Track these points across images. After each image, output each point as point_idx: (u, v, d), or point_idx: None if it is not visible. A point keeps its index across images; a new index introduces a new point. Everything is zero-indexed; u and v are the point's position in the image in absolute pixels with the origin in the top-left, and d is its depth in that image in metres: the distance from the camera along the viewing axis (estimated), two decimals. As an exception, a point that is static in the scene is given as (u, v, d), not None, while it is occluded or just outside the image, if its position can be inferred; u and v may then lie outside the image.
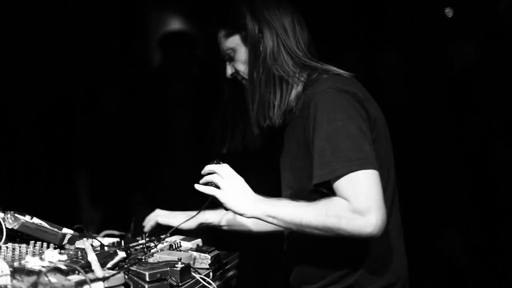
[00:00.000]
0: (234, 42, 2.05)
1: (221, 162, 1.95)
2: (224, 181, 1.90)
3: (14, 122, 4.08)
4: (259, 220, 1.90)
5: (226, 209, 1.91)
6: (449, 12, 3.88)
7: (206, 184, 1.93)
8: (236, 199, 1.88)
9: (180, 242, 2.15)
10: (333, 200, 1.79)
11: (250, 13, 2.00)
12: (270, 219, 1.86)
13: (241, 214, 1.89)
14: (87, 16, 4.28)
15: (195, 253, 2.02)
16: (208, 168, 1.94)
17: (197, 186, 1.94)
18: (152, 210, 2.43)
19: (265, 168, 2.38)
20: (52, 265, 1.60)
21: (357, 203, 1.74)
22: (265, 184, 2.00)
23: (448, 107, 3.66)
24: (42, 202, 3.39)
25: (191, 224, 2.34)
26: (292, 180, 2.04)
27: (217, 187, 1.90)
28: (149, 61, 4.56)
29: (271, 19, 1.99)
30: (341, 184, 1.78)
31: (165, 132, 4.06)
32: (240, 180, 1.92)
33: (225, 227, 2.41)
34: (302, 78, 2.00)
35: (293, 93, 2.01)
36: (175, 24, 4.56)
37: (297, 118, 1.98)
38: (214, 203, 1.97)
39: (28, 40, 4.06)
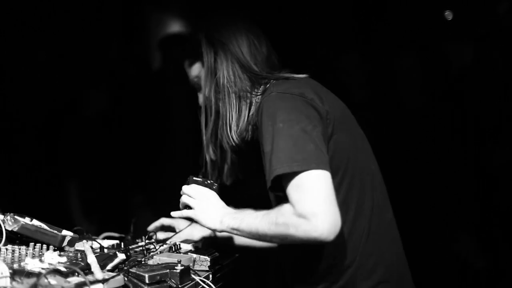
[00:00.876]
0: (197, 70, 2.10)
1: (199, 178, 2.03)
2: (195, 200, 1.98)
3: (15, 125, 4.09)
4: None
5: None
6: (448, 15, 3.88)
7: (186, 206, 2.00)
8: (205, 217, 1.94)
9: (179, 244, 2.16)
10: (282, 207, 1.76)
11: (205, 38, 2.04)
12: (235, 232, 1.88)
13: (213, 230, 1.96)
14: (87, 17, 4.28)
15: (194, 255, 2.02)
16: (182, 191, 2.01)
17: (173, 213, 2.03)
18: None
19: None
20: (51, 267, 1.60)
21: (301, 207, 1.69)
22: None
23: (454, 109, 3.66)
24: (42, 204, 3.39)
25: (194, 235, 2.34)
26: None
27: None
28: (149, 63, 4.57)
29: (225, 40, 2.02)
30: (288, 189, 1.74)
31: (165, 133, 4.06)
32: (211, 196, 1.98)
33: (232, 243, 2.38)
34: (259, 92, 2.01)
35: (253, 108, 2.02)
36: (175, 26, 4.56)
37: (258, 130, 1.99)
38: None
39: (28, 43, 4.07)
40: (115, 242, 2.11)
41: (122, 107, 4.25)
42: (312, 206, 1.68)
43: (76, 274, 1.57)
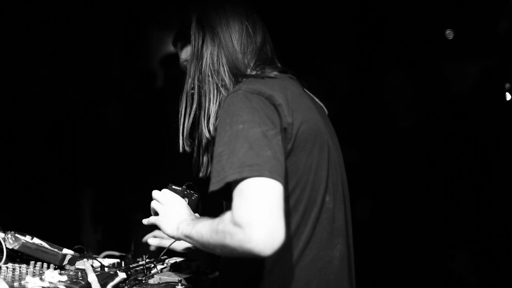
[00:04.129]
0: (187, 53, 1.96)
1: (178, 187, 1.97)
2: (161, 206, 1.89)
3: (15, 142, 4.09)
4: None
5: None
6: (449, 34, 3.91)
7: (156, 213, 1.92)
8: (166, 223, 1.83)
9: (181, 263, 2.15)
10: (225, 214, 1.57)
11: (196, 21, 1.90)
12: (188, 240, 1.73)
13: (172, 237, 1.83)
14: (91, 35, 4.31)
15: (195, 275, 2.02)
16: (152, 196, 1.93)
17: (143, 221, 1.94)
18: (152, 230, 2.42)
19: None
20: (52, 285, 1.60)
21: (238, 214, 1.50)
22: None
23: (450, 126, 3.67)
24: (43, 222, 3.40)
25: (179, 246, 2.30)
26: None
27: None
28: (150, 80, 4.58)
29: (215, 25, 1.88)
30: (233, 194, 1.55)
31: (165, 151, 4.07)
32: (178, 202, 1.88)
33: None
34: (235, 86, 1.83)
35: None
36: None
37: None
38: None
39: (32, 58, 4.09)
40: (115, 261, 2.10)
41: (123, 124, 4.26)
42: (249, 215, 1.48)
43: (77, 293, 1.57)
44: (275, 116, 1.66)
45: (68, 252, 1.92)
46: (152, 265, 2.06)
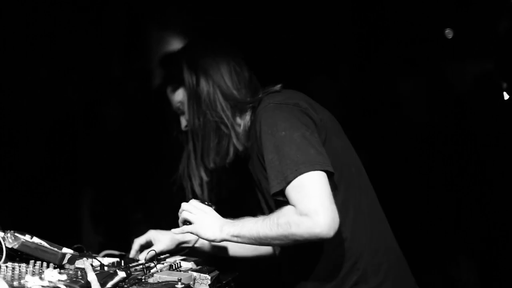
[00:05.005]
0: (180, 95, 2.18)
1: (208, 203, 2.10)
2: (194, 215, 2.04)
3: (15, 141, 4.08)
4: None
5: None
6: (449, 33, 3.90)
7: (185, 222, 2.08)
8: (205, 229, 2.00)
9: (180, 262, 2.15)
10: (283, 209, 1.86)
11: (187, 65, 2.12)
12: (235, 239, 1.96)
13: (212, 241, 2.01)
14: (91, 35, 4.30)
15: (195, 274, 2.02)
16: (181, 208, 2.08)
17: (174, 231, 2.10)
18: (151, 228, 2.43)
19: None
20: (51, 284, 1.60)
21: (303, 206, 1.79)
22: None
23: (454, 128, 3.68)
24: (42, 221, 3.39)
25: (170, 244, 2.39)
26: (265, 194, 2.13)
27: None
28: (150, 79, 4.58)
29: (206, 67, 2.10)
30: (289, 192, 1.84)
31: (165, 150, 4.06)
32: (208, 210, 2.04)
33: (206, 250, 2.45)
34: (247, 108, 2.11)
35: (241, 126, 2.12)
36: (176, 44, 4.58)
37: (253, 143, 2.08)
38: None
39: (32, 58, 4.08)
40: (115, 260, 2.11)
41: (121, 123, 4.26)
42: (314, 204, 1.77)
43: (76, 292, 1.57)
44: (306, 118, 1.96)
45: (67, 251, 1.92)
46: (152, 264, 2.06)
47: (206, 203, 2.09)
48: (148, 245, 2.39)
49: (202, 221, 2.02)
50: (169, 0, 4.42)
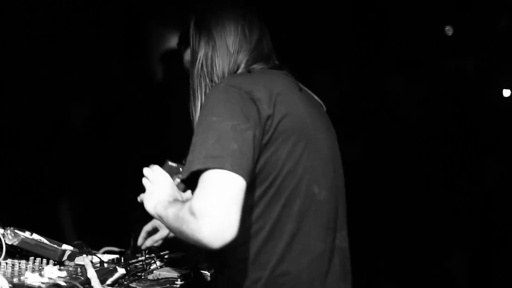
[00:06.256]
0: (188, 55, 2.05)
1: (175, 164, 2.10)
2: (147, 182, 1.98)
3: (15, 136, 4.09)
4: None
5: None
6: (449, 30, 3.91)
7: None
8: (147, 199, 1.91)
9: (179, 259, 2.15)
10: (188, 201, 1.61)
11: (194, 25, 1.99)
12: (161, 220, 1.79)
13: (151, 215, 1.89)
14: (91, 35, 4.31)
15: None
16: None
17: (138, 198, 2.05)
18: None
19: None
20: (51, 281, 1.59)
21: (194, 204, 1.54)
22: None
23: (450, 126, 3.68)
24: (42, 218, 3.39)
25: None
26: None
27: None
28: (150, 76, 4.59)
29: (211, 28, 1.95)
30: (199, 180, 1.59)
31: (165, 147, 4.07)
32: (164, 181, 1.94)
33: None
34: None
35: None
36: (176, 41, 4.59)
37: None
38: None
39: (32, 58, 4.08)
40: (115, 256, 2.11)
41: (122, 120, 4.26)
42: (204, 205, 1.52)
43: (76, 288, 1.57)
44: (252, 110, 1.69)
45: (67, 248, 1.92)
46: (152, 261, 2.06)
47: (177, 165, 2.03)
48: (154, 231, 2.38)
49: (150, 191, 1.92)
50: (169, 0, 4.42)
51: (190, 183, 1.64)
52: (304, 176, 1.75)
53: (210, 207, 1.51)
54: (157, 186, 1.92)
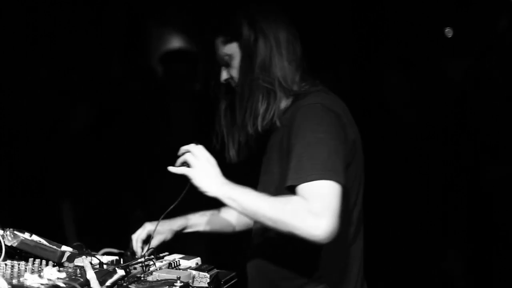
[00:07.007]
0: (231, 49, 2.12)
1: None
2: (196, 160, 1.98)
3: (15, 136, 4.09)
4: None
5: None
6: (448, 32, 3.91)
7: (182, 165, 2.01)
8: (203, 177, 1.95)
9: (179, 260, 2.15)
10: (293, 198, 1.87)
11: (248, 23, 2.07)
12: (229, 201, 1.93)
13: (204, 192, 1.95)
14: (91, 35, 4.31)
15: (194, 272, 2.01)
16: (183, 148, 2.02)
17: (170, 168, 2.02)
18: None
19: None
20: (51, 282, 1.59)
21: (314, 204, 1.81)
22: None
23: (450, 125, 3.68)
24: (41, 219, 3.39)
25: (169, 236, 2.39)
26: (267, 184, 2.13)
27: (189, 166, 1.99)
28: (150, 77, 4.59)
29: (267, 31, 2.06)
30: (307, 187, 1.85)
31: (165, 147, 4.07)
32: (212, 161, 1.99)
33: (206, 229, 2.48)
34: (291, 92, 2.08)
35: (282, 104, 2.09)
36: (176, 42, 4.59)
37: (283, 127, 2.06)
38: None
39: (32, 58, 4.08)
40: (114, 258, 2.11)
41: (122, 120, 4.26)
42: (326, 209, 1.81)
43: (75, 290, 1.57)
44: (342, 134, 1.98)
45: (67, 249, 1.92)
46: (151, 262, 2.06)
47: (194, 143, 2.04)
48: (148, 238, 2.38)
49: (203, 169, 1.97)
50: (169, 0, 4.42)
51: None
52: (360, 189, 2.12)
53: (328, 212, 1.81)
54: (209, 165, 1.98)
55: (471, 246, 3.60)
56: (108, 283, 1.78)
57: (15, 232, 1.87)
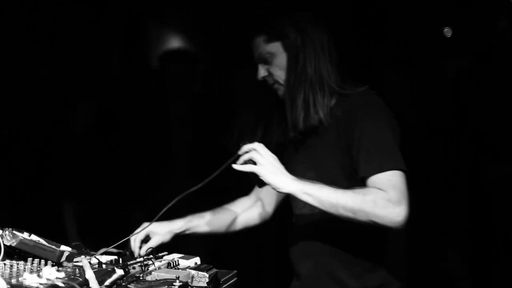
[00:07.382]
0: (274, 48, 2.23)
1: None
2: (263, 157, 2.03)
3: (15, 136, 4.09)
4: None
5: (261, 185, 2.07)
6: (447, 32, 3.90)
7: (245, 163, 2.06)
8: (275, 174, 2.03)
9: (178, 260, 2.15)
10: (370, 188, 2.02)
11: (294, 25, 2.20)
12: (305, 197, 2.02)
13: (278, 188, 2.03)
14: (91, 35, 4.30)
15: (193, 272, 2.01)
16: (246, 146, 2.07)
17: (235, 166, 2.07)
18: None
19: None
20: (49, 282, 1.59)
21: (393, 194, 1.98)
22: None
23: (446, 127, 3.68)
24: (40, 219, 3.39)
25: (168, 237, 2.42)
26: (320, 179, 2.15)
27: (255, 164, 2.04)
28: (149, 77, 4.58)
29: (313, 35, 2.20)
30: (379, 178, 2.02)
31: (164, 148, 4.07)
32: (276, 158, 2.06)
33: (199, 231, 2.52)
34: (336, 89, 2.22)
35: (328, 104, 2.20)
36: (176, 42, 4.59)
37: (334, 125, 2.18)
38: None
39: (32, 58, 4.08)
40: (113, 257, 2.10)
41: (122, 120, 4.26)
42: (401, 197, 1.98)
43: (74, 289, 1.57)
44: (397, 129, 2.19)
45: (65, 249, 1.92)
46: (150, 262, 2.06)
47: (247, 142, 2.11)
48: (146, 239, 2.38)
49: (272, 167, 2.03)
50: (169, 0, 4.42)
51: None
52: None
53: (404, 199, 1.99)
54: (274, 161, 2.05)
55: (471, 246, 3.60)
56: (107, 282, 1.78)
57: (14, 231, 1.87)
